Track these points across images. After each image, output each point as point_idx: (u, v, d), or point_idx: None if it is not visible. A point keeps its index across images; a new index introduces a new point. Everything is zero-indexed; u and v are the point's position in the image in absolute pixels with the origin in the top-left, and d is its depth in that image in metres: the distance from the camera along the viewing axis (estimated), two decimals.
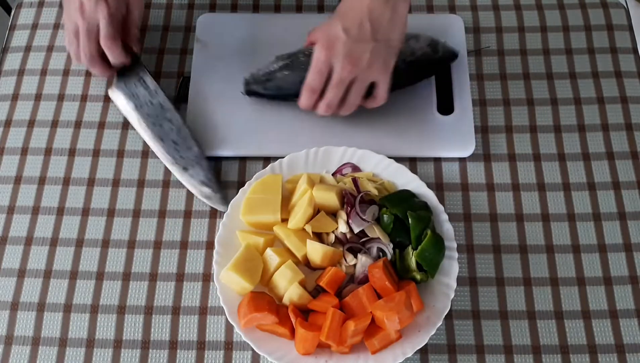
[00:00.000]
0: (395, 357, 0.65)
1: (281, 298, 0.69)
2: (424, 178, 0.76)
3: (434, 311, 0.68)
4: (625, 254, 0.74)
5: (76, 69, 0.86)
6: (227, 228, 0.72)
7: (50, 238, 0.76)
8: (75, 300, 0.72)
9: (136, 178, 0.79)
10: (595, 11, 0.89)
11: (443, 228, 0.72)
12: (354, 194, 0.72)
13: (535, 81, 0.85)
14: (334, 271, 0.68)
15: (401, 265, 0.70)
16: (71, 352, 0.70)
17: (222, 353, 0.70)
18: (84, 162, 0.80)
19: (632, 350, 0.70)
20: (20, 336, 0.71)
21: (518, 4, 0.90)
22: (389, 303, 0.64)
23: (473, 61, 0.86)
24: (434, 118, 0.81)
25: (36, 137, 0.81)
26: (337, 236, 0.71)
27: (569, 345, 0.70)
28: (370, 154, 0.76)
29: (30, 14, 0.90)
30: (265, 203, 0.72)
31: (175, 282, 0.73)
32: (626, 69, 0.85)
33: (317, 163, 0.76)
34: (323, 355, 0.66)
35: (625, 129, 0.81)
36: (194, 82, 0.83)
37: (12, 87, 0.85)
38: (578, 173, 0.79)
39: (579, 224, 0.76)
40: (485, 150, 0.80)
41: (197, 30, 0.86)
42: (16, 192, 0.78)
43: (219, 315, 0.72)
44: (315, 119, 0.80)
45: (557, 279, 0.73)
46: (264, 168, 0.78)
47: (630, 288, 0.73)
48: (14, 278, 0.74)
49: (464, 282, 0.73)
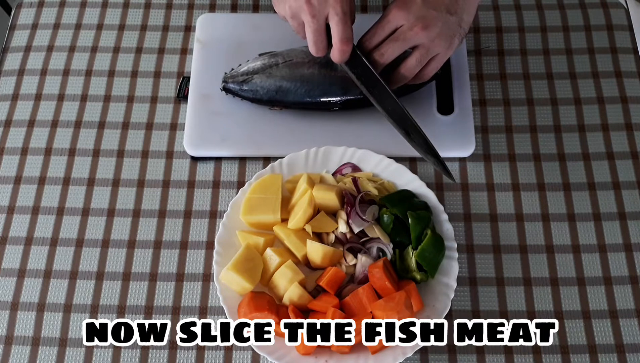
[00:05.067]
0: (395, 357, 0.65)
1: (281, 298, 0.69)
2: (424, 178, 0.76)
3: (434, 311, 0.68)
4: (625, 254, 0.74)
5: (76, 69, 0.86)
6: (227, 228, 0.72)
7: (50, 238, 0.76)
8: (75, 300, 0.72)
9: (136, 178, 0.79)
10: (595, 11, 0.89)
11: (443, 228, 0.72)
12: (354, 194, 0.72)
13: (535, 81, 0.85)
14: (334, 271, 0.68)
15: (401, 265, 0.70)
16: (71, 352, 0.70)
17: (222, 353, 0.70)
18: (84, 162, 0.80)
19: (632, 350, 0.70)
20: (20, 336, 0.71)
21: (518, 4, 0.90)
22: (389, 303, 0.64)
23: (473, 61, 0.86)
24: (434, 118, 0.81)
25: (36, 137, 0.81)
26: (337, 236, 0.71)
27: (569, 345, 0.70)
28: (370, 154, 0.76)
29: (30, 14, 0.90)
30: (265, 203, 0.72)
31: (175, 282, 0.73)
32: (626, 69, 0.85)
33: (317, 163, 0.76)
34: (323, 355, 0.66)
35: (625, 129, 0.81)
36: (194, 82, 0.83)
37: (12, 87, 0.85)
38: (578, 173, 0.79)
39: (579, 224, 0.76)
40: (485, 150, 0.80)
41: (197, 30, 0.86)
42: (16, 192, 0.78)
43: (219, 315, 0.72)
44: (315, 119, 0.80)
45: (557, 279, 0.73)
46: (264, 168, 0.78)
47: (630, 288, 0.73)
48: (14, 278, 0.74)
49: (464, 282, 0.73)
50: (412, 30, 0.67)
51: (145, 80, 0.85)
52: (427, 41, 0.68)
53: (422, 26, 0.67)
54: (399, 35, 0.68)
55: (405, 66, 0.70)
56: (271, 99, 0.78)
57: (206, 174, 0.79)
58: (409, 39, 0.68)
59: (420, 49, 0.69)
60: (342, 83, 0.77)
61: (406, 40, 0.68)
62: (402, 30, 0.68)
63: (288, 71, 0.78)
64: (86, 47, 0.87)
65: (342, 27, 0.65)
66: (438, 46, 0.69)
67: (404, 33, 0.68)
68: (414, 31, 0.67)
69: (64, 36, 0.88)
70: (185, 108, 0.82)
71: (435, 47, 0.69)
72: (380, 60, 0.70)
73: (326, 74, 0.77)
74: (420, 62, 0.70)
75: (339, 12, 0.65)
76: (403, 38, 0.68)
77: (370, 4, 0.91)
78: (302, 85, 0.77)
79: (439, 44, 0.69)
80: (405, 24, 0.68)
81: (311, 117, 0.80)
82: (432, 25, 0.67)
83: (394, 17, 0.68)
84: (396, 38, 0.68)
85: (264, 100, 0.79)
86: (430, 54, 0.70)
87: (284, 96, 0.78)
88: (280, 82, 0.77)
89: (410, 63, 0.70)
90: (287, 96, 0.78)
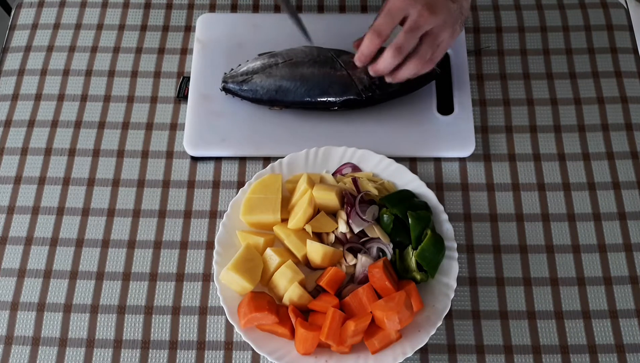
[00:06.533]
0: (395, 357, 0.65)
1: (281, 298, 0.69)
2: (424, 178, 0.76)
3: (434, 311, 0.68)
4: (625, 254, 0.74)
5: (76, 69, 0.86)
6: (227, 228, 0.72)
7: (50, 238, 0.76)
8: (75, 300, 0.72)
9: (136, 178, 0.79)
10: (595, 11, 0.89)
11: (443, 228, 0.72)
12: (354, 194, 0.72)
13: (535, 81, 0.85)
14: (334, 271, 0.68)
15: (401, 265, 0.70)
16: (71, 352, 0.70)
17: (222, 353, 0.70)
18: (84, 162, 0.80)
19: (632, 350, 0.70)
20: (20, 336, 0.71)
21: (518, 4, 0.90)
22: (389, 303, 0.64)
23: (473, 61, 0.86)
24: (434, 118, 0.81)
25: (36, 137, 0.81)
26: (337, 236, 0.71)
27: (569, 345, 0.70)
28: (370, 154, 0.76)
29: (30, 14, 0.90)
30: (265, 203, 0.72)
31: (175, 282, 0.73)
32: (626, 69, 0.85)
33: (317, 163, 0.76)
34: (323, 355, 0.66)
35: (625, 129, 0.81)
36: (194, 82, 0.83)
37: (12, 87, 0.85)
38: (578, 173, 0.79)
39: (579, 224, 0.76)
40: (485, 150, 0.80)
41: (197, 30, 0.86)
42: (16, 192, 0.78)
43: (219, 315, 0.72)
44: (315, 119, 0.80)
45: (557, 279, 0.73)
46: (264, 168, 0.78)
47: (630, 288, 0.73)
48: (14, 278, 0.74)
49: (464, 282, 0.73)
50: (422, 16, 0.67)
51: (145, 80, 0.85)
52: (435, 27, 0.68)
53: (430, 12, 0.67)
54: (412, 25, 0.67)
55: (417, 55, 0.70)
56: (271, 99, 0.78)
57: (206, 174, 0.79)
58: (421, 27, 0.68)
59: (429, 35, 0.69)
60: (341, 83, 0.77)
61: (419, 28, 0.68)
62: (412, 19, 0.67)
63: (288, 70, 0.78)
64: (86, 47, 0.87)
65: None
66: (444, 31, 0.69)
67: (415, 22, 0.67)
68: (424, 17, 0.67)
69: (64, 36, 0.88)
70: (185, 108, 0.82)
71: (442, 33, 0.69)
72: (399, 54, 0.69)
73: (326, 74, 0.77)
74: (431, 49, 0.69)
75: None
76: (416, 27, 0.67)
77: (348, 4, 0.91)
78: (302, 85, 0.77)
79: (446, 30, 0.69)
80: (412, 11, 0.67)
81: (311, 117, 0.80)
82: (438, 11, 0.67)
83: (401, 5, 0.67)
84: (410, 29, 0.68)
85: (264, 100, 0.79)
86: (438, 39, 0.70)
87: (284, 96, 0.78)
88: (280, 82, 0.77)
89: (422, 51, 0.69)
90: (287, 95, 0.78)
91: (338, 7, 0.91)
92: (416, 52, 0.69)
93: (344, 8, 0.90)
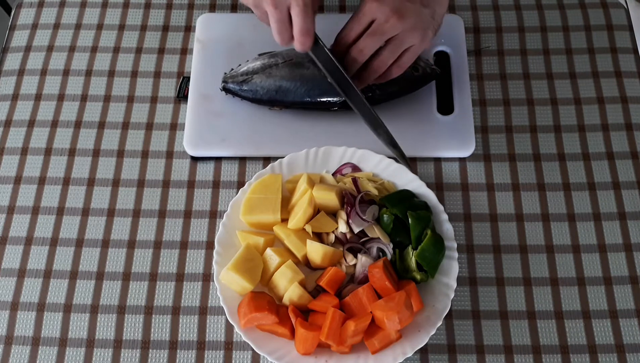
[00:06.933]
0: (395, 357, 0.65)
1: (281, 298, 0.69)
2: (424, 178, 0.76)
3: (434, 311, 0.68)
4: (625, 254, 0.74)
5: (76, 69, 0.86)
6: (227, 228, 0.72)
7: (50, 238, 0.76)
8: (75, 300, 0.72)
9: (136, 178, 0.79)
10: (595, 11, 0.89)
11: (443, 228, 0.72)
12: (354, 194, 0.72)
13: (535, 81, 0.85)
14: (334, 271, 0.68)
15: (401, 265, 0.70)
16: (71, 352, 0.70)
17: (222, 353, 0.70)
18: (84, 162, 0.80)
19: (632, 350, 0.70)
20: (20, 336, 0.71)
21: (518, 4, 0.90)
22: (389, 303, 0.64)
23: (473, 61, 0.86)
24: (434, 118, 0.81)
25: (36, 137, 0.81)
26: (337, 236, 0.71)
27: (569, 345, 0.70)
28: (370, 154, 0.76)
29: (30, 14, 0.90)
30: (265, 203, 0.72)
31: (175, 282, 0.73)
32: (626, 69, 0.85)
33: (317, 163, 0.76)
34: (323, 355, 0.66)
35: (625, 129, 0.81)
36: (194, 82, 0.83)
37: (12, 87, 0.85)
38: (578, 173, 0.79)
39: (579, 224, 0.76)
40: (485, 150, 0.80)
41: (197, 30, 0.86)
42: (16, 192, 0.78)
43: (219, 315, 0.72)
44: (315, 119, 0.80)
45: (557, 279, 0.73)
46: (264, 168, 0.78)
47: (630, 288, 0.73)
48: (14, 278, 0.74)
49: (464, 282, 0.73)
50: (388, 22, 0.67)
51: (145, 80, 0.85)
52: (402, 33, 0.68)
53: (398, 17, 0.67)
54: (376, 28, 0.68)
55: (379, 58, 0.70)
56: (271, 99, 0.78)
57: (206, 174, 0.79)
58: (386, 32, 0.68)
59: (394, 40, 0.69)
60: None
61: (383, 33, 0.68)
62: (378, 23, 0.68)
63: (288, 70, 0.78)
64: (86, 47, 0.87)
65: (303, 18, 0.65)
66: (412, 37, 0.69)
67: (380, 26, 0.68)
68: (390, 23, 0.67)
69: (64, 36, 0.88)
70: (185, 108, 0.82)
71: (410, 38, 0.69)
72: (360, 57, 0.70)
73: None
74: (393, 54, 0.70)
75: (300, 4, 0.64)
76: (380, 31, 0.68)
77: (348, 4, 0.91)
78: (302, 85, 0.77)
79: (414, 35, 0.69)
80: (380, 16, 0.68)
81: (311, 117, 0.80)
82: (407, 16, 0.67)
83: (370, 10, 0.68)
84: (373, 32, 0.68)
85: (264, 100, 0.79)
86: (404, 45, 0.70)
87: (284, 96, 0.78)
88: (280, 82, 0.77)
89: (384, 55, 0.70)
90: (287, 95, 0.78)
91: (338, 7, 0.91)
92: (378, 55, 0.70)
93: (344, 8, 0.90)
